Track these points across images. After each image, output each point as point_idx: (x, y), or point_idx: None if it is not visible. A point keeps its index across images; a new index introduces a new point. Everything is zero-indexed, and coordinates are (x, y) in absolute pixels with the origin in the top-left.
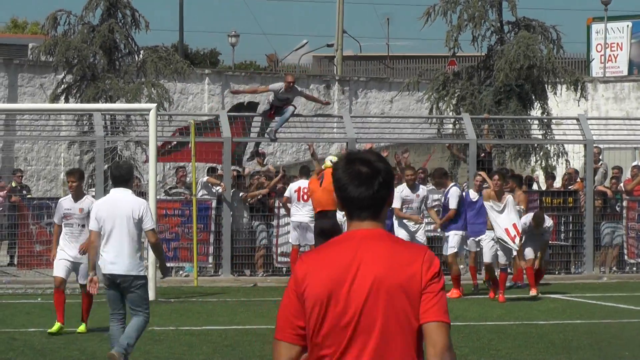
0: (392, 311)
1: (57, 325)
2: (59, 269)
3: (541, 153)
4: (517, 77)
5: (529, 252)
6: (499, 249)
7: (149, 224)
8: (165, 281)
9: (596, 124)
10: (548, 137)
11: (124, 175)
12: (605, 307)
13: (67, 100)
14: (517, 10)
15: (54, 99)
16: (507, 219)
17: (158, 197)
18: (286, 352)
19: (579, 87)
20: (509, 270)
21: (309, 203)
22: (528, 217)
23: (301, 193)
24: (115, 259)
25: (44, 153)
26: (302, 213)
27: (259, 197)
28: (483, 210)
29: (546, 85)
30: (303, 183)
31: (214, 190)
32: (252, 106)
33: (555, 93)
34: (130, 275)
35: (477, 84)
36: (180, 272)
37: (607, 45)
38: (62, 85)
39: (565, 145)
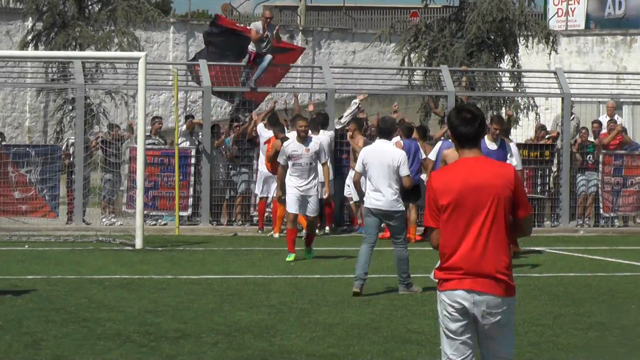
0: (502, 204)
1: None
2: None
3: (512, 106)
4: (489, 29)
5: None
6: None
7: (405, 171)
8: (147, 230)
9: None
10: (520, 90)
11: (388, 128)
12: (593, 260)
13: (36, 48)
14: None
15: (23, 46)
16: None
17: (134, 145)
18: (438, 234)
19: (550, 41)
20: None
21: None
22: None
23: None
24: (380, 197)
25: (9, 100)
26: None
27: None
28: None
29: (518, 38)
30: (271, 134)
31: (193, 139)
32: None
33: (527, 46)
34: (391, 210)
35: (449, 36)
36: (159, 220)
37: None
38: (32, 33)
39: (536, 99)
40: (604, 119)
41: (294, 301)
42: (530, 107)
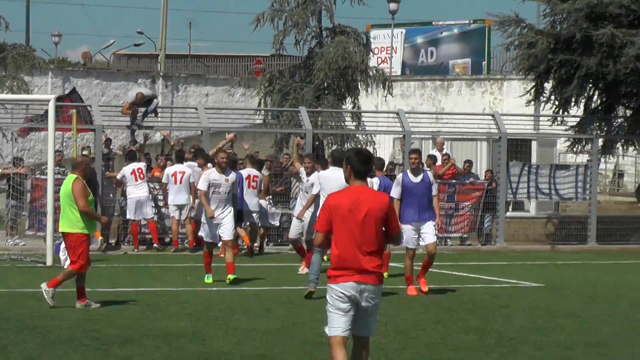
0: (375, 222)
1: None
2: None
3: (353, 142)
4: (335, 75)
5: None
6: None
7: None
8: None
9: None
10: (360, 128)
11: (340, 157)
12: (443, 274)
13: None
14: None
15: None
16: None
17: (39, 176)
18: (324, 237)
19: (387, 85)
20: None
21: (144, 180)
22: None
23: (137, 173)
24: None
25: None
26: (138, 190)
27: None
28: None
29: (359, 83)
30: (136, 165)
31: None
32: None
33: (366, 90)
34: None
35: (299, 81)
36: (56, 241)
37: (384, 49)
38: None
39: (374, 136)
40: (436, 153)
41: (207, 310)
42: (368, 143)
